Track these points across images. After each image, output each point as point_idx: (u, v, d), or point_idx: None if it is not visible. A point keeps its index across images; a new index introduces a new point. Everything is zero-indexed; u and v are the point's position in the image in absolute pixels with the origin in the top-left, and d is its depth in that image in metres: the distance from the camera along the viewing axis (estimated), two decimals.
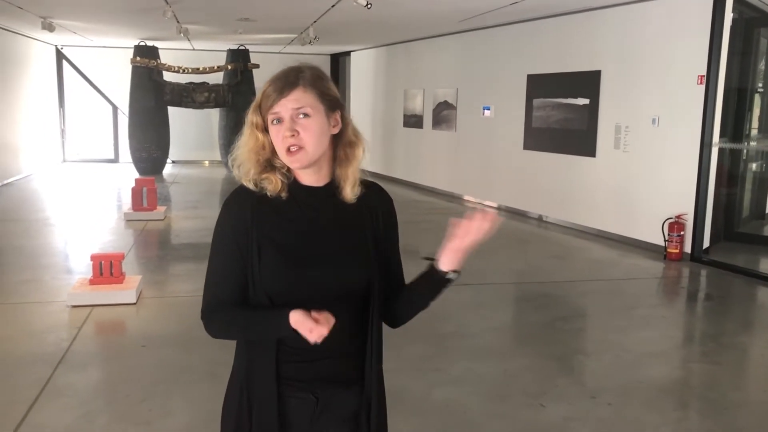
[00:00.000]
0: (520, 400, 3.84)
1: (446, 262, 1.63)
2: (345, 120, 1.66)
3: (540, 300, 5.86)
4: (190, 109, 14.67)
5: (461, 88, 11.21)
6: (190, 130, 15.98)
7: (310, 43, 11.39)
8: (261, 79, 13.82)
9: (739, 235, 8.27)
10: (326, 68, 16.64)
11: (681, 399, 3.94)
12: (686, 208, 7.20)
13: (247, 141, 1.63)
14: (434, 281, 1.66)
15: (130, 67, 14.10)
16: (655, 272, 6.91)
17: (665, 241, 7.27)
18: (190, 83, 14.35)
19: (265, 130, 1.61)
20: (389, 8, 8.52)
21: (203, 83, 14.40)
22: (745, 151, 8.38)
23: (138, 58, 13.91)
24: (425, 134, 12.22)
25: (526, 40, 9.62)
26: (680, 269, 6.99)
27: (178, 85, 14.29)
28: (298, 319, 1.49)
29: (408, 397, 3.72)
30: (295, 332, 1.51)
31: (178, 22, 10.10)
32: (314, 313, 1.49)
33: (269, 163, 1.63)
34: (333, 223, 1.65)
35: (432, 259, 1.66)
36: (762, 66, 8.48)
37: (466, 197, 11.20)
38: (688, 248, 7.23)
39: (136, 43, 13.93)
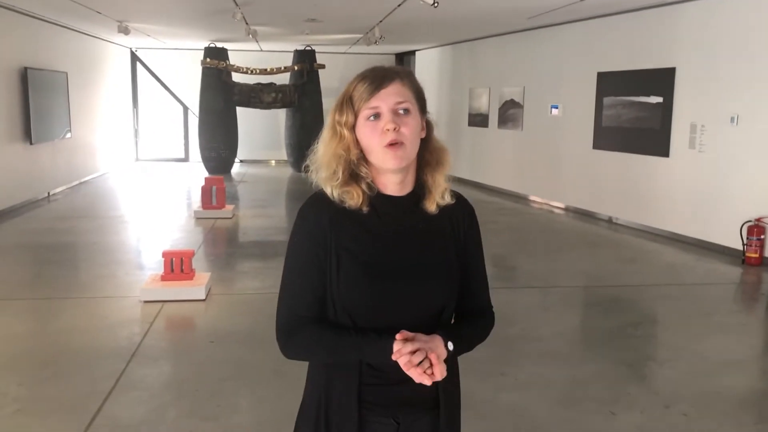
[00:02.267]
0: (589, 406, 3.73)
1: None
2: (430, 125, 1.57)
3: (610, 304, 5.70)
4: (258, 110, 14.93)
5: (528, 87, 11.02)
6: (258, 130, 16.27)
7: (375, 42, 11.41)
8: (327, 79, 14.05)
9: None
10: None
11: (762, 411, 3.75)
12: (766, 211, 6.87)
13: (329, 142, 1.52)
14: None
15: (200, 69, 14.46)
16: (732, 277, 6.62)
17: (744, 245, 6.96)
18: (258, 84, 14.60)
19: (352, 129, 1.50)
20: (455, 6, 8.45)
21: (270, 84, 14.63)
22: None
23: (208, 60, 14.25)
24: (491, 133, 12.07)
25: (595, 37, 9.38)
26: (760, 274, 6.68)
27: (246, 85, 14.57)
28: (402, 354, 1.41)
29: (474, 401, 3.66)
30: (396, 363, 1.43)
31: (246, 23, 10.28)
32: (412, 345, 1.41)
33: (353, 171, 1.51)
34: (415, 235, 1.54)
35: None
36: None
37: (532, 197, 11.00)
38: None
39: (207, 45, 14.28)
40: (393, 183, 1.53)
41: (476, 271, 1.64)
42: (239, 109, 14.81)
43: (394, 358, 1.42)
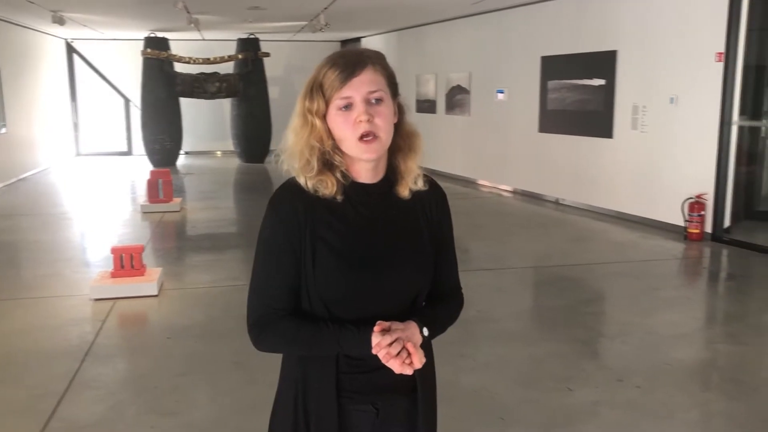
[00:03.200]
0: (547, 384, 3.82)
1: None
2: (401, 109, 1.53)
3: (561, 283, 5.83)
4: (202, 100, 14.66)
5: (474, 72, 11.12)
6: (202, 120, 15.98)
7: (321, 30, 11.33)
8: (272, 67, 13.86)
9: (759, 213, 8.19)
10: None
11: (709, 381, 3.91)
12: (706, 188, 7.13)
13: (300, 131, 1.46)
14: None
15: (141, 60, 14.10)
16: (676, 253, 6.86)
17: (685, 221, 7.20)
18: (201, 74, 14.33)
19: (324, 117, 1.45)
20: None
21: (214, 73, 14.38)
22: (764, 128, 8.26)
23: (149, 50, 13.90)
24: (439, 119, 12.15)
25: (538, 21, 9.51)
26: (701, 249, 6.93)
27: (189, 75, 14.28)
28: (381, 347, 1.41)
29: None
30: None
31: (188, 12, 10.07)
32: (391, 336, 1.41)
33: (327, 159, 1.46)
34: (388, 222, 1.52)
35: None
36: None
37: (481, 181, 11.14)
38: (708, 228, 7.16)
39: (146, 35, 13.92)
40: (366, 170, 1.50)
41: (448, 254, 1.64)
42: (183, 100, 14.51)
43: (374, 352, 1.42)
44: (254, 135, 14.62)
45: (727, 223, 7.23)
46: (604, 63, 8.34)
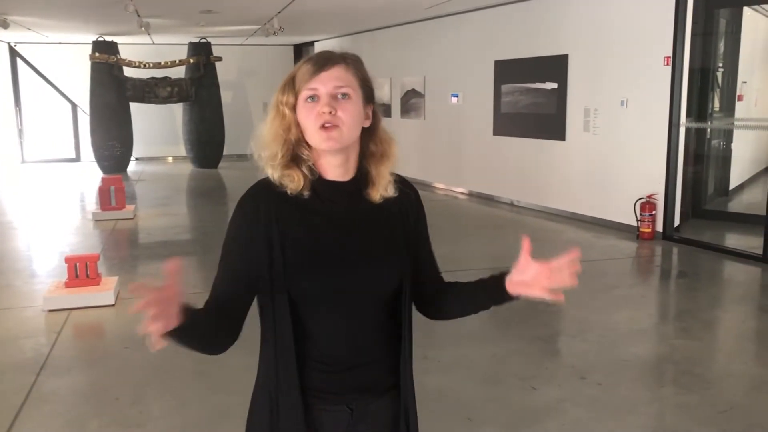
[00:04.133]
0: (512, 383, 3.88)
1: (516, 284, 1.56)
2: (376, 116, 1.55)
3: None
4: (153, 105, 14.40)
5: (429, 76, 11.21)
6: (153, 125, 15.69)
7: (274, 34, 11.26)
8: (225, 71, 13.67)
9: (705, 212, 8.47)
10: (290, 59, 16.52)
11: (667, 375, 4.02)
12: (657, 188, 7.33)
13: (272, 122, 1.50)
14: (491, 294, 1.60)
15: (89, 64, 13.77)
16: (629, 252, 7.03)
17: (637, 221, 7.40)
18: (152, 78, 14.09)
19: (294, 110, 1.47)
20: None
21: (165, 78, 14.15)
22: (708, 130, 8.55)
23: (97, 54, 13.59)
24: (394, 123, 12.19)
25: (492, 26, 9.65)
26: (653, 248, 7.13)
27: (139, 80, 14.03)
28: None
29: None
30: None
31: (139, 16, 9.89)
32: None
33: (294, 152, 1.49)
34: (360, 220, 1.53)
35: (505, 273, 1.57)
36: (721, 46, 8.66)
37: (436, 184, 11.22)
38: (659, 227, 7.37)
39: (95, 39, 13.61)
40: (333, 167, 1.50)
41: (430, 253, 1.67)
42: (133, 105, 14.23)
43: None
44: (207, 140, 14.44)
45: (676, 222, 7.45)
46: (556, 67, 8.50)
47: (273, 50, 15.91)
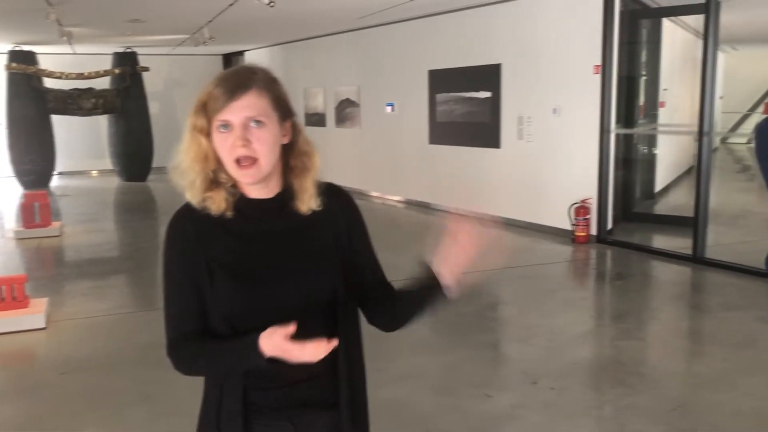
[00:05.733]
0: (466, 391, 3.87)
1: (445, 275, 1.55)
2: (296, 128, 1.52)
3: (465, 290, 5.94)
4: (76, 117, 13.84)
5: (363, 86, 11.21)
6: (76, 138, 15.07)
7: (204, 43, 11.03)
8: (152, 82, 13.28)
9: (635, 215, 8.77)
10: (219, 69, 16.19)
11: (616, 376, 4.10)
12: (590, 193, 7.53)
13: (188, 148, 1.46)
14: (429, 294, 1.57)
15: (5, 74, 13.13)
16: (566, 256, 7.19)
17: (572, 225, 7.58)
18: (75, 89, 13.54)
19: (209, 134, 1.45)
20: (289, 5, 8.37)
21: (89, 89, 13.63)
22: (635, 135, 8.87)
23: (14, 64, 12.98)
24: (329, 132, 12.13)
25: (426, 35, 9.73)
26: (589, 251, 7.31)
27: (61, 91, 13.46)
28: (275, 345, 1.36)
29: None
30: (272, 361, 1.38)
31: (60, 25, 9.48)
32: (283, 330, 1.35)
33: (214, 176, 1.47)
34: (287, 235, 1.52)
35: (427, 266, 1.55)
36: (644, 55, 9.02)
37: (372, 193, 11.21)
38: (593, 230, 7.57)
39: (11, 48, 12.99)
40: (256, 189, 1.50)
41: (371, 258, 1.64)
42: (55, 117, 13.64)
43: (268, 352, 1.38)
44: (134, 152, 13.99)
45: (609, 225, 7.67)
46: (489, 76, 8.64)
47: (202, 60, 15.58)
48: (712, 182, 6.75)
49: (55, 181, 14.19)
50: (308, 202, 1.51)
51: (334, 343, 1.39)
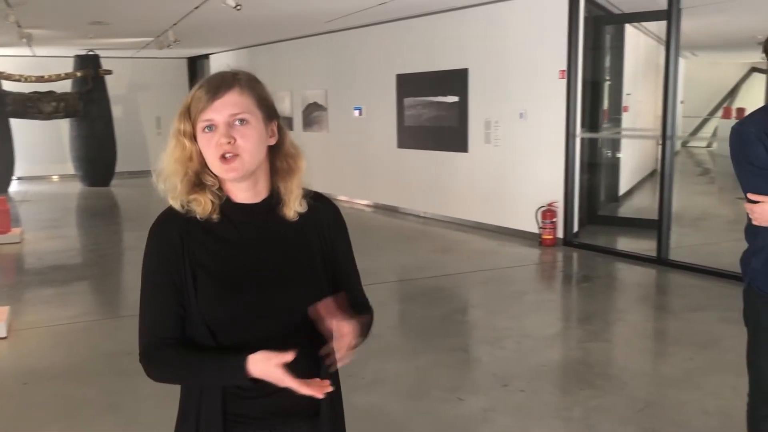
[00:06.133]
0: (438, 395, 3.88)
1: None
2: (282, 131, 1.53)
3: (434, 294, 5.97)
4: (36, 121, 13.54)
5: (330, 89, 11.19)
6: (36, 143, 14.73)
7: (168, 46, 10.90)
8: (115, 85, 13.05)
9: (600, 218, 8.90)
10: (183, 72, 16.05)
11: (584, 378, 4.15)
12: (556, 196, 7.62)
13: (172, 151, 1.47)
14: None
15: None
16: (533, 258, 7.27)
17: (539, 228, 7.66)
18: (35, 93, 13.24)
19: (194, 138, 1.45)
20: (255, 9, 8.32)
21: (50, 92, 13.34)
22: (600, 139, 9.01)
23: None
24: (296, 136, 11.77)
25: (394, 40, 9.76)
26: (555, 254, 7.40)
27: (20, 95, 13.14)
28: (268, 371, 1.36)
29: None
30: (254, 380, 1.38)
31: (20, 26, 9.27)
32: (280, 358, 1.35)
33: (198, 179, 1.47)
34: (273, 241, 1.52)
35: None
36: (608, 60, 9.18)
37: (341, 197, 11.16)
38: (560, 233, 7.66)
39: None
40: (242, 191, 1.50)
41: (349, 270, 1.64)
42: (14, 121, 13.32)
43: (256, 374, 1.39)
44: (97, 157, 13.73)
45: (575, 228, 7.77)
46: (456, 80, 8.70)
47: (166, 63, 15.39)
48: (674, 185, 6.88)
49: (14, 187, 13.85)
50: (294, 205, 1.51)
51: (330, 388, 1.41)
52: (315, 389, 1.39)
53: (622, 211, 9.90)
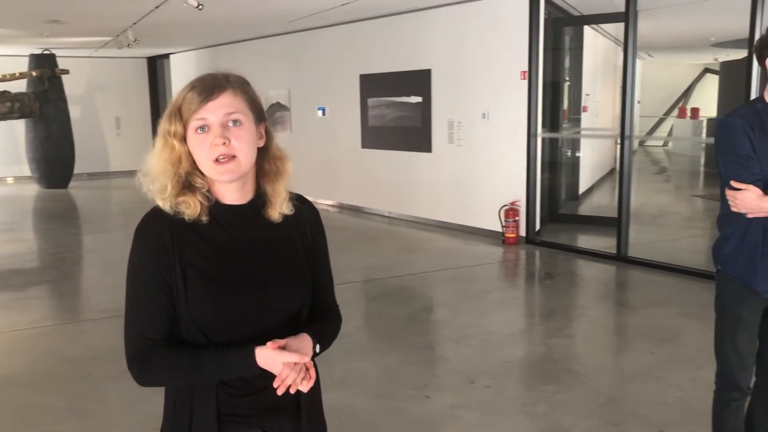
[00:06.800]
0: (405, 393, 3.91)
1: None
2: (269, 133, 1.56)
3: (400, 293, 6.01)
4: None
5: (294, 89, 11.15)
6: None
7: (128, 46, 10.73)
8: (72, 85, 12.78)
9: (561, 216, 9.06)
10: (143, 72, 15.81)
11: (548, 373, 4.23)
12: (519, 195, 7.73)
13: (160, 152, 1.47)
14: None
15: None
16: (497, 257, 7.36)
17: (503, 226, 7.76)
18: None
19: (183, 140, 1.45)
20: (217, 9, 8.25)
21: (4, 92, 12.98)
22: (560, 139, 9.17)
23: None
24: None
25: (357, 40, 9.77)
26: (518, 252, 7.50)
27: None
28: (271, 357, 1.43)
29: None
30: (261, 371, 1.43)
31: None
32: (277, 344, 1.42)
33: (187, 180, 1.47)
34: (261, 242, 1.54)
35: None
36: (568, 61, 9.35)
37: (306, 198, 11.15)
38: (522, 232, 7.77)
39: None
40: (230, 192, 1.51)
41: (324, 273, 1.68)
42: None
43: (276, 384, 1.43)
44: (55, 158, 13.43)
45: (537, 226, 7.89)
46: (420, 81, 8.75)
47: (126, 63, 15.15)
48: (633, 184, 7.04)
49: None
50: (280, 207, 1.54)
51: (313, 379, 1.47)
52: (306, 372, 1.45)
53: (582, 210, 10.09)
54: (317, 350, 1.54)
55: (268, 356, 1.43)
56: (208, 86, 1.44)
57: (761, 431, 2.88)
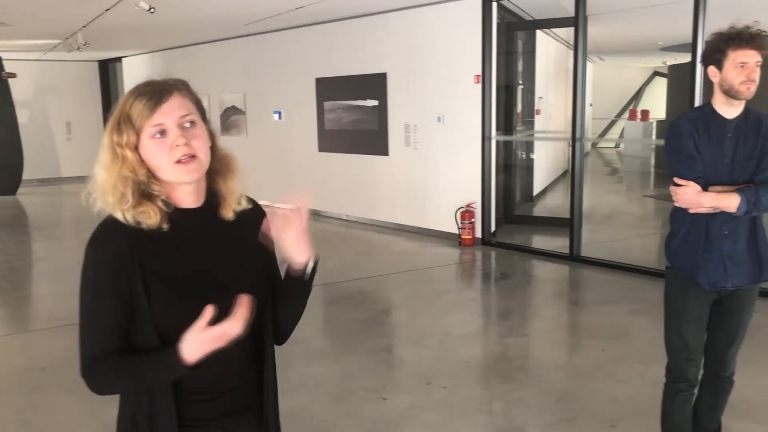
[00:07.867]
0: (362, 396, 3.93)
1: (297, 256, 1.56)
2: (212, 134, 1.55)
3: (357, 296, 6.02)
4: None
5: (249, 93, 11.07)
6: None
7: (78, 49, 10.51)
8: (20, 89, 12.39)
9: (516, 217, 9.19)
10: (94, 76, 15.50)
11: (504, 372, 4.29)
12: (474, 197, 7.82)
13: (110, 165, 1.44)
14: (298, 280, 1.58)
15: None
16: (453, 258, 7.43)
17: (459, 228, 7.84)
18: None
19: (134, 149, 1.44)
20: (169, 12, 8.15)
21: None
22: (514, 142, 9.31)
23: None
24: None
25: (312, 43, 9.75)
26: (474, 253, 7.59)
27: None
28: (199, 342, 1.37)
29: None
30: (193, 369, 1.39)
31: None
32: (199, 324, 1.37)
33: (144, 190, 1.45)
34: (220, 243, 1.55)
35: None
36: (521, 65, 9.50)
37: (261, 202, 11.06)
38: (478, 233, 7.86)
39: None
40: (187, 195, 1.51)
41: (274, 267, 1.69)
42: None
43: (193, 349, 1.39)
44: (2, 164, 13.05)
45: (493, 228, 7.99)
46: (375, 85, 8.78)
47: (76, 66, 14.84)
48: (585, 185, 7.19)
49: None
50: (236, 204, 1.56)
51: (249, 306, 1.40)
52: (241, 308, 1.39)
53: (536, 211, 10.25)
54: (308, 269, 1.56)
55: (189, 341, 1.38)
56: (157, 90, 1.44)
57: (707, 422, 2.98)
